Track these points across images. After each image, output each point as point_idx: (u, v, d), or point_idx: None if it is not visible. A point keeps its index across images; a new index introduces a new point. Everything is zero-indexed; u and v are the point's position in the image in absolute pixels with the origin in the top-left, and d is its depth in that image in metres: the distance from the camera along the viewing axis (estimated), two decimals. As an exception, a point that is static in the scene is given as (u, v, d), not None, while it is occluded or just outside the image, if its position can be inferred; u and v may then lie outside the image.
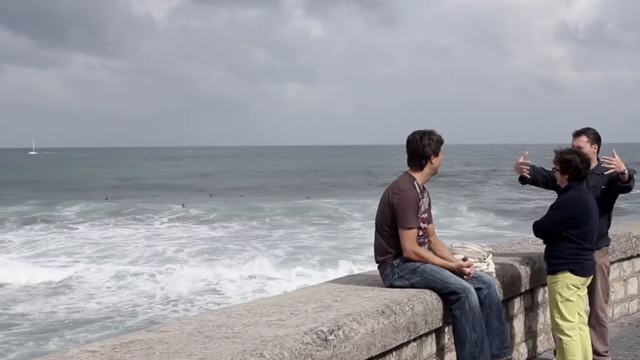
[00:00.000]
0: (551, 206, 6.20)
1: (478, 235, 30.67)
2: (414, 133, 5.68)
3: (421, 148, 5.61)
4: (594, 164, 6.62)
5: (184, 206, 42.94)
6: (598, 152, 6.79)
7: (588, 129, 6.75)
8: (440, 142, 5.68)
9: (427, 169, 5.66)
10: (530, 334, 7.09)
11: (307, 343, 4.06)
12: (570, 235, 5.99)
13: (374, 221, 5.83)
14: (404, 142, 5.69)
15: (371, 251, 5.89)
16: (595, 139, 6.73)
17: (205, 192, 56.95)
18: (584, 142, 6.65)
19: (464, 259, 5.64)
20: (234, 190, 58.71)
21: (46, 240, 31.15)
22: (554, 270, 6.13)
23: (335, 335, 4.27)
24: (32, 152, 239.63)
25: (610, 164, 6.42)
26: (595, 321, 6.74)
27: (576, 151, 6.21)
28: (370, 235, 7.38)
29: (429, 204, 5.78)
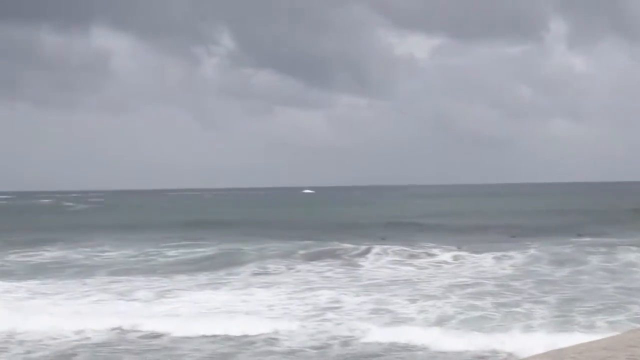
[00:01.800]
0: None
1: None
2: None
3: None
4: None
5: (459, 248, 43.38)
6: None
7: None
8: None
9: None
10: None
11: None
12: None
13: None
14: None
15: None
16: None
17: (475, 234, 56.72)
18: None
19: None
20: (505, 228, 58.00)
21: (324, 277, 33.30)
22: None
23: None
24: (307, 191, 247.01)
25: None
26: None
27: None
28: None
29: None
